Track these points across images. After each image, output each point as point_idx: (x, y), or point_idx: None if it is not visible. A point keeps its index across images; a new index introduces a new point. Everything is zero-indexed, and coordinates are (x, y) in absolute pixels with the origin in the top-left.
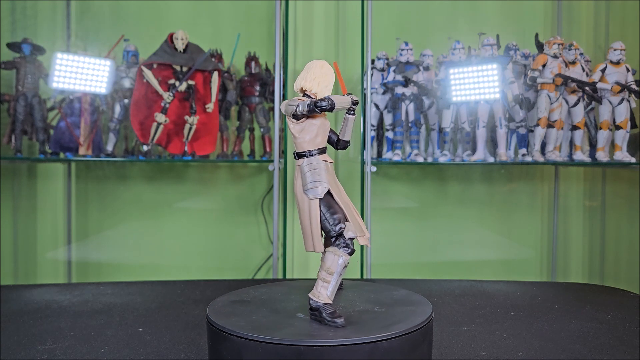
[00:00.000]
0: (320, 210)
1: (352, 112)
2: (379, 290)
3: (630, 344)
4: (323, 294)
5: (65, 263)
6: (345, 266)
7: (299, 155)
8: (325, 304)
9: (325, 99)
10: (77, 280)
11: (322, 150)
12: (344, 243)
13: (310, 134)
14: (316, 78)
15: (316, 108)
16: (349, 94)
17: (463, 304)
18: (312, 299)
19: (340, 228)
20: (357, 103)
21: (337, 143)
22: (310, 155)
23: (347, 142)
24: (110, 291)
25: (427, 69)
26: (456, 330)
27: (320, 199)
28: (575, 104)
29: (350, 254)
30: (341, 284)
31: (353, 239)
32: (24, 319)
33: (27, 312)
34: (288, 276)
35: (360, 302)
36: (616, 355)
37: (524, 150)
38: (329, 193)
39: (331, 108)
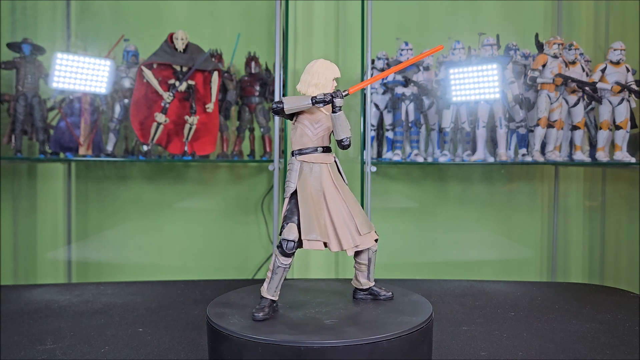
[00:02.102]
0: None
1: (336, 109)
2: None
3: (630, 344)
4: (264, 287)
5: (65, 263)
6: (281, 267)
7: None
8: (263, 297)
9: (278, 100)
10: (77, 280)
11: (311, 150)
12: (279, 243)
13: (295, 134)
14: (304, 79)
15: (272, 110)
16: (338, 90)
17: (463, 304)
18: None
19: (282, 228)
20: (324, 101)
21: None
22: (293, 155)
23: (342, 140)
24: (110, 291)
25: (427, 69)
26: (456, 330)
27: (290, 199)
28: (575, 104)
29: (283, 254)
30: (391, 294)
31: (289, 240)
32: (24, 319)
33: (27, 312)
34: (288, 276)
35: (360, 302)
36: (616, 355)
37: (524, 150)
38: (295, 193)
39: (281, 110)
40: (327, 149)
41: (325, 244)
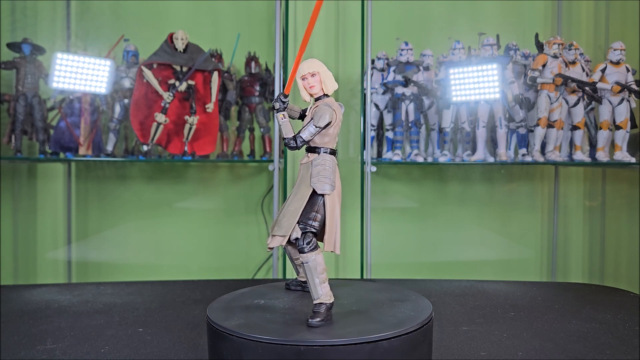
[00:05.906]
0: None
1: (276, 111)
2: (379, 290)
3: (630, 344)
4: None
5: (65, 263)
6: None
7: None
8: None
9: None
10: (77, 280)
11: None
12: None
13: None
14: None
15: None
16: (281, 93)
17: (463, 304)
18: None
19: None
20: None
21: None
22: None
23: (284, 141)
24: (110, 291)
25: (427, 69)
26: (456, 330)
27: None
28: (575, 104)
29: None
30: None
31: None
32: (24, 319)
33: (27, 312)
34: (288, 276)
35: (359, 302)
36: (616, 355)
37: (524, 150)
38: None
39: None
40: (311, 149)
41: None
